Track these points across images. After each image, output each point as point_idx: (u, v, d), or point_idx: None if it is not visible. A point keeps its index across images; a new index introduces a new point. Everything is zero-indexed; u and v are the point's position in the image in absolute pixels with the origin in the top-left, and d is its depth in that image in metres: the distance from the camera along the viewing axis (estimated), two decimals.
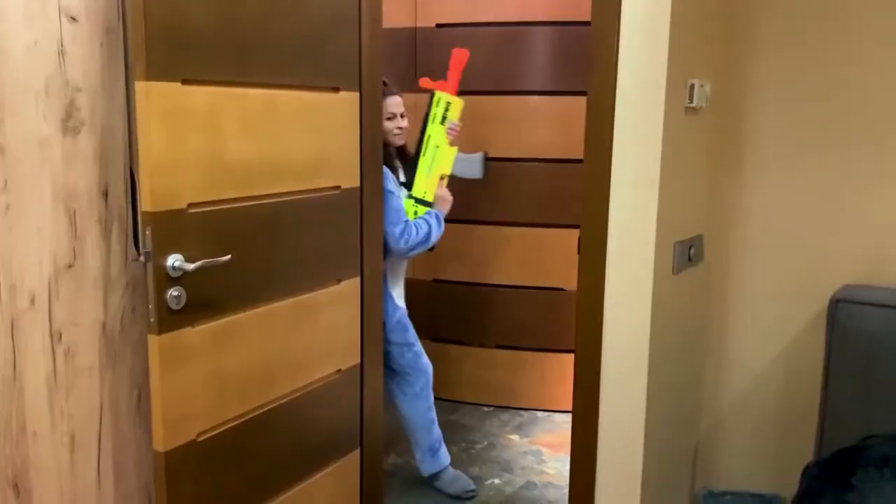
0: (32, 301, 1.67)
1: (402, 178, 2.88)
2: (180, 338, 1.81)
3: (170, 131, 1.74)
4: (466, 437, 3.35)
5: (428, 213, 2.81)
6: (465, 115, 3.65)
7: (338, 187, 2.31)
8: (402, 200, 2.78)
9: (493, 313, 3.74)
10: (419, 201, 2.84)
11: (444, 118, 2.84)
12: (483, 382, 3.77)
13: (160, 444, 1.81)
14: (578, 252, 2.07)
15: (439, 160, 2.85)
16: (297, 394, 2.21)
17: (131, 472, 1.93)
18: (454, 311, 3.80)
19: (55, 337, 1.73)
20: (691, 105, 1.98)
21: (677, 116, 1.94)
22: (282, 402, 2.15)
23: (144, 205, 1.72)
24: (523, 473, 3.03)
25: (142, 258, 1.81)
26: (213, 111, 1.84)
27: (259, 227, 2.02)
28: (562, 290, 3.58)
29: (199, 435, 1.89)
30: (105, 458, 1.86)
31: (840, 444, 1.90)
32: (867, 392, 1.92)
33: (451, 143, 2.88)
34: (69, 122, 1.70)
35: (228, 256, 1.85)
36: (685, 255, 2.08)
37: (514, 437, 3.37)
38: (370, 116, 2.47)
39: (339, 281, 2.35)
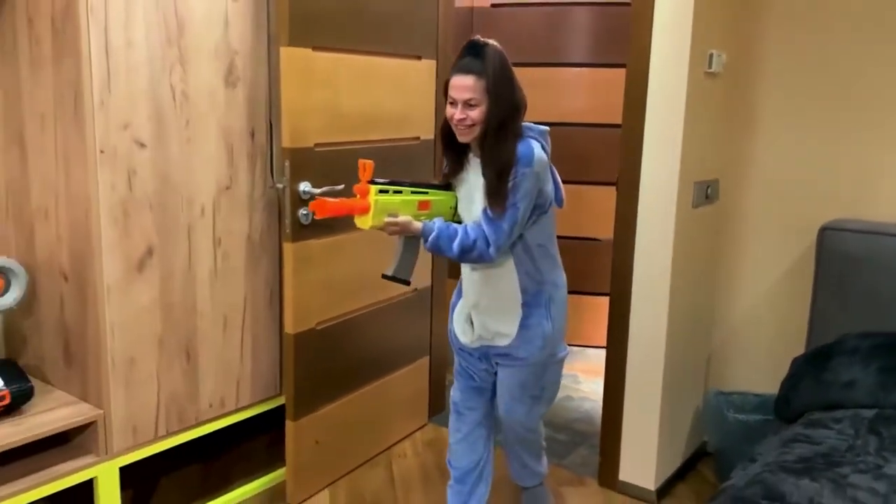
0: (202, 212, 2.22)
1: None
2: (306, 248, 2.35)
3: (302, 86, 2.26)
4: None
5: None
6: None
7: (417, 138, 2.83)
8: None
9: None
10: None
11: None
12: None
13: (290, 328, 2.35)
14: (617, 189, 2.55)
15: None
16: (383, 304, 2.75)
17: (264, 352, 2.48)
18: None
19: (216, 242, 2.27)
20: (710, 71, 2.45)
21: (698, 80, 2.41)
22: (372, 308, 2.69)
23: (284, 142, 2.25)
24: (562, 390, 3.52)
25: (278, 185, 2.35)
26: (332, 72, 2.37)
27: None
28: (596, 240, 4.07)
29: (317, 324, 2.43)
30: (246, 339, 2.41)
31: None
32: (845, 302, 2.39)
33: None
34: (230, 78, 2.23)
35: (342, 186, 2.37)
36: (703, 193, 2.55)
37: None
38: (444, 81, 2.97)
39: None
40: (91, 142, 1.93)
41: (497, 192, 1.87)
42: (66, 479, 2.03)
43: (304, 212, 2.30)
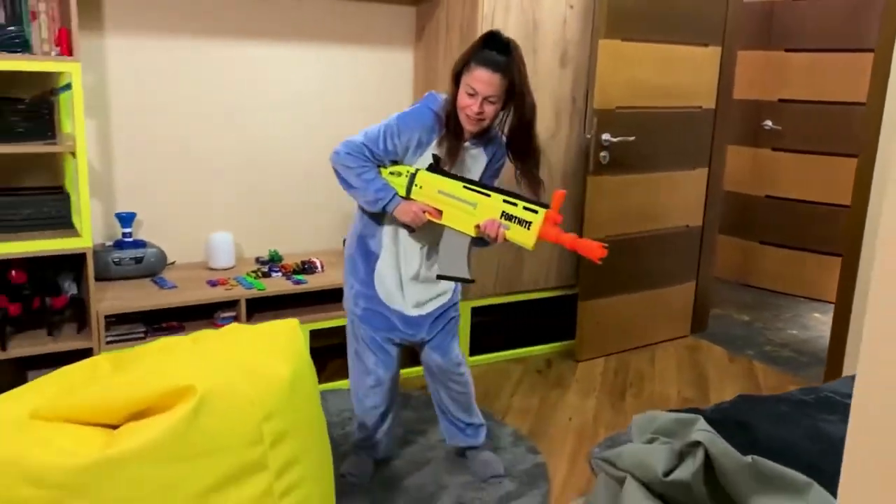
0: None
1: (434, 152, 2.14)
2: (604, 181, 3.37)
3: (612, 67, 3.26)
4: (777, 312, 4.47)
5: (385, 187, 2.14)
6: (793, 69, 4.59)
7: (700, 107, 3.65)
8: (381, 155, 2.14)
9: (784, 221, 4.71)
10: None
11: (511, 217, 2.11)
12: (795, 277, 4.78)
13: (586, 236, 3.39)
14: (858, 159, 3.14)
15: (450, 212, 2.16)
16: (660, 232, 3.65)
17: (566, 250, 3.56)
18: (786, 220, 4.84)
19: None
20: None
21: None
22: (651, 233, 3.61)
23: (596, 105, 3.28)
24: (814, 331, 4.10)
25: (587, 135, 3.40)
26: (634, 56, 3.32)
27: (652, 125, 3.47)
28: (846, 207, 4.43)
29: (606, 237, 3.43)
30: None
31: None
32: None
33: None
34: (563, 60, 3.31)
35: (633, 138, 3.33)
36: None
37: (818, 315, 4.41)
38: (727, 64, 3.74)
39: (693, 168, 3.71)
40: None
41: (537, 181, 2.21)
42: None
43: (604, 154, 3.31)
